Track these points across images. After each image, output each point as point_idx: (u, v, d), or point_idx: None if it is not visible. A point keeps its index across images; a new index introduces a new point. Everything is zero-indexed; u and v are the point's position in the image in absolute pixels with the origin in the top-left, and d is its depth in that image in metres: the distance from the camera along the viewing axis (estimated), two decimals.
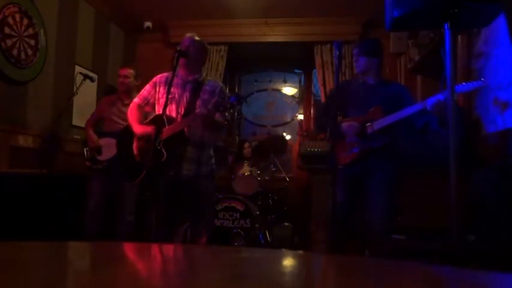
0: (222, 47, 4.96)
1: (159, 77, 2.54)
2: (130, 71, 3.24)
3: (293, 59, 5.67)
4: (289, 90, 5.89)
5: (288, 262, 0.76)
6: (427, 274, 0.65)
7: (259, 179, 4.17)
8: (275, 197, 4.28)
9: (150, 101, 2.53)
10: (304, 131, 5.21)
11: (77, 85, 3.53)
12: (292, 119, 5.76)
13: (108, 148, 3.10)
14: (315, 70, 5.08)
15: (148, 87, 2.54)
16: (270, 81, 5.91)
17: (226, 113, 2.40)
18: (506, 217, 2.30)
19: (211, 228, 2.78)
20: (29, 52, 3.30)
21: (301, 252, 1.38)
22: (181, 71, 2.49)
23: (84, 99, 3.97)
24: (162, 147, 2.26)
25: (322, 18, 4.68)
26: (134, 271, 0.65)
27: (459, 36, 3.37)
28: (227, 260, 0.75)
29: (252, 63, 5.75)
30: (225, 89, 2.62)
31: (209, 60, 4.76)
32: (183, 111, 2.42)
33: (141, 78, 3.26)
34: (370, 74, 2.49)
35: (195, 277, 0.58)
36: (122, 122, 3.01)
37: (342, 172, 2.41)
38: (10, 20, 3.09)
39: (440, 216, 1.77)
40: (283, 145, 4.69)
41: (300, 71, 5.83)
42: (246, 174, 4.15)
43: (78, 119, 3.89)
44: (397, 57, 4.57)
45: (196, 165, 2.44)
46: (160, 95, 2.48)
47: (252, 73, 5.93)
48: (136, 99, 2.56)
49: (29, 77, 3.34)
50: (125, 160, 2.54)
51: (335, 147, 2.43)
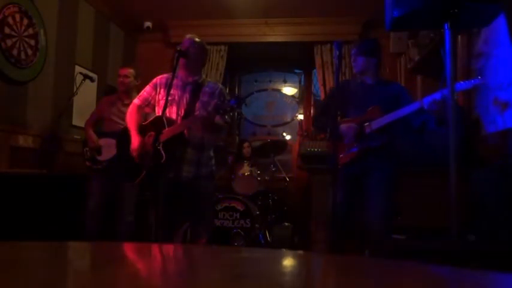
0: (222, 47, 4.95)
1: (159, 78, 2.53)
2: (130, 71, 3.23)
3: (293, 59, 5.67)
4: (289, 90, 5.89)
5: (288, 262, 0.76)
6: (426, 274, 0.65)
7: (259, 179, 4.17)
8: (275, 197, 4.27)
9: (150, 102, 2.52)
10: (304, 131, 5.20)
11: (77, 85, 3.53)
12: (292, 119, 5.76)
13: (108, 148, 3.09)
14: (315, 70, 5.08)
15: (148, 89, 2.53)
16: (270, 81, 5.90)
17: (226, 115, 2.40)
18: (506, 217, 2.30)
19: (211, 229, 2.78)
20: (29, 52, 3.30)
21: (301, 252, 1.38)
22: (181, 72, 2.48)
23: (84, 99, 3.97)
24: (161, 149, 2.26)
25: (322, 18, 4.68)
26: (134, 271, 0.65)
27: (459, 36, 3.37)
28: (227, 260, 0.75)
29: (252, 63, 5.74)
30: (224, 91, 2.62)
31: (209, 60, 4.75)
32: (183, 113, 2.42)
33: (141, 78, 3.26)
34: (368, 73, 2.50)
35: (195, 277, 0.58)
36: (122, 122, 3.01)
37: (341, 172, 2.41)
38: (10, 20, 3.09)
39: (439, 216, 1.77)
40: (283, 148, 4.69)
41: (300, 71, 5.82)
42: (246, 174, 4.15)
43: (78, 119, 3.89)
44: (397, 57, 4.57)
45: (196, 166, 2.43)
46: (160, 96, 2.47)
47: (252, 73, 5.92)
48: (136, 101, 2.55)
49: (29, 77, 3.34)
50: (124, 160, 2.53)
51: (335, 147, 2.43)
